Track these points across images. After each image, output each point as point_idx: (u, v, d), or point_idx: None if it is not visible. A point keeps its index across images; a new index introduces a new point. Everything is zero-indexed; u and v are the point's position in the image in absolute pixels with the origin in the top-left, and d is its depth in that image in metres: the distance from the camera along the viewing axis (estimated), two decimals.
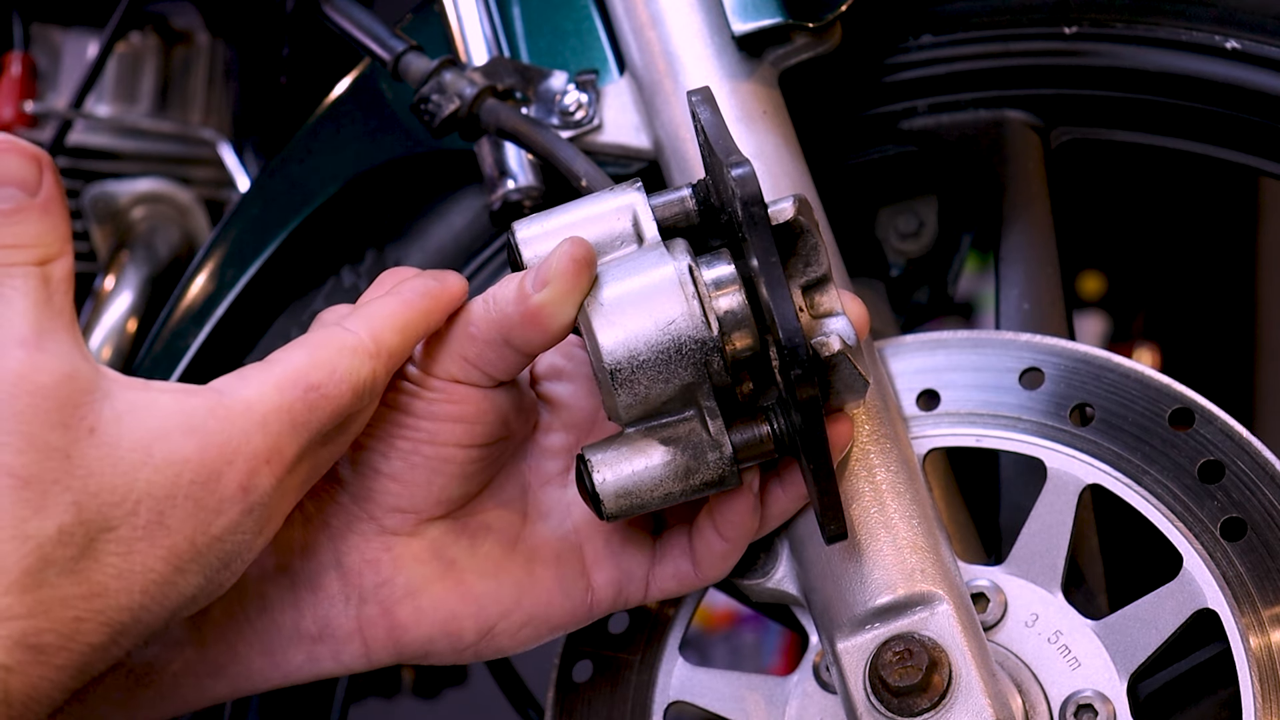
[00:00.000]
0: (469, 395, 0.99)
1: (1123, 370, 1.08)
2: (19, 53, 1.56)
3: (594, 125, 1.17)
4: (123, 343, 1.46)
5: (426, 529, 1.02)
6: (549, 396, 1.06)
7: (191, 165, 1.56)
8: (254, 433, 0.90)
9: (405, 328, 0.98)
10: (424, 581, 1.02)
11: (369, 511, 1.01)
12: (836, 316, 0.98)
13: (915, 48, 1.21)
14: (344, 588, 1.01)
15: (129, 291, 1.48)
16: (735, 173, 0.93)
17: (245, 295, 1.28)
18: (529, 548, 1.04)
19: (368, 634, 1.02)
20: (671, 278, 0.96)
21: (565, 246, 0.96)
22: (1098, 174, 2.73)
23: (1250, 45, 1.12)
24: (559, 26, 1.20)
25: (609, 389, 0.96)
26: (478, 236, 1.27)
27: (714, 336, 0.95)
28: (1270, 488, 1.03)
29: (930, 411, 1.11)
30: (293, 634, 1.02)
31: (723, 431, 0.98)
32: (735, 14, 1.14)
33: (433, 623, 1.02)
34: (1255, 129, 1.14)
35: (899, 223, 1.33)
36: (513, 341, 0.97)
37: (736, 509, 1.02)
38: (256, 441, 0.90)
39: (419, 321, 0.98)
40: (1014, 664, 1.05)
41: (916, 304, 1.36)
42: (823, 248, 0.98)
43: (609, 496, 0.98)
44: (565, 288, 0.95)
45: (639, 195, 0.99)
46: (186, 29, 1.56)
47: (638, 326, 0.95)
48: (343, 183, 1.27)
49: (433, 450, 0.99)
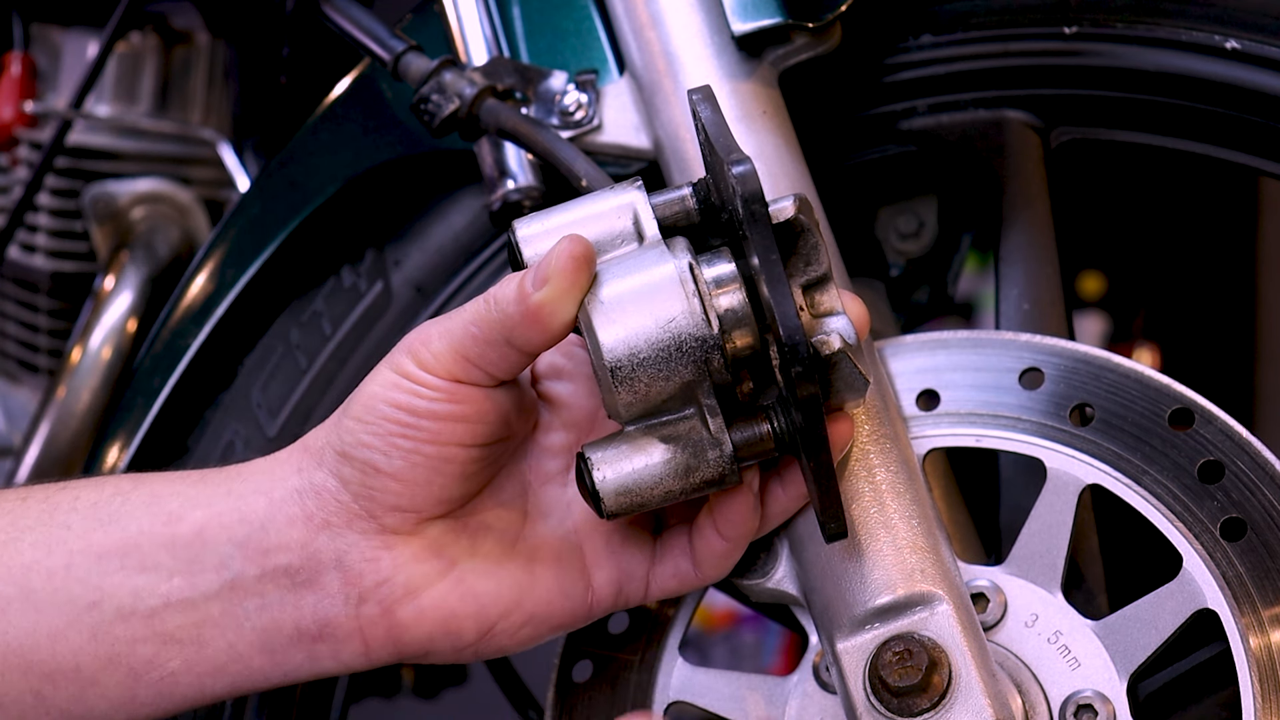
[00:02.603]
0: (471, 395, 0.99)
1: (1123, 370, 1.08)
2: (19, 53, 1.56)
3: (594, 125, 1.17)
4: (123, 343, 1.46)
5: (426, 528, 1.02)
6: (549, 395, 1.06)
7: (191, 165, 1.56)
8: None
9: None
10: (424, 580, 1.02)
11: (369, 510, 1.01)
12: (837, 315, 0.98)
13: (915, 48, 1.21)
14: (344, 587, 1.01)
15: (129, 291, 1.49)
16: (736, 170, 0.93)
17: (245, 295, 1.28)
18: (529, 547, 1.04)
19: (368, 633, 1.02)
20: (672, 275, 0.96)
21: (564, 244, 0.96)
22: (1098, 174, 2.73)
23: (1250, 45, 1.12)
24: (559, 26, 1.20)
25: (609, 387, 0.96)
26: (478, 236, 1.27)
27: (714, 334, 0.95)
28: (1270, 488, 1.03)
29: (930, 411, 1.11)
30: (293, 633, 1.02)
31: (723, 430, 0.98)
32: (735, 14, 1.14)
33: (433, 622, 1.02)
34: (1255, 129, 1.14)
35: (899, 223, 1.33)
36: (514, 341, 0.97)
37: (736, 508, 1.02)
38: None
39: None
40: (1014, 664, 1.05)
41: (916, 304, 1.36)
42: (823, 247, 0.98)
43: (609, 495, 0.98)
44: (565, 285, 0.96)
45: (639, 194, 0.99)
46: (186, 29, 1.56)
47: (638, 324, 0.95)
48: (343, 183, 1.27)
49: (434, 450, 0.99)
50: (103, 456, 1.31)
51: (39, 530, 1.03)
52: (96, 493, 1.04)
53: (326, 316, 1.29)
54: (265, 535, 1.01)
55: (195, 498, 1.02)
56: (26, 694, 1.02)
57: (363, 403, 1.00)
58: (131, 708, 1.02)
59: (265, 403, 1.29)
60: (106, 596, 1.01)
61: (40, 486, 1.06)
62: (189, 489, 1.03)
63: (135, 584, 1.01)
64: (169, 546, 1.02)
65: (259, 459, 1.05)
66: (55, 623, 1.01)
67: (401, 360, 0.99)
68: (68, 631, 1.01)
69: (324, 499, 1.01)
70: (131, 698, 1.02)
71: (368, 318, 1.28)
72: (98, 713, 1.02)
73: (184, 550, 1.01)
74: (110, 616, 1.01)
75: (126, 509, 1.03)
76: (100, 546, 1.02)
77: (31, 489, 1.06)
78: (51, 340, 1.58)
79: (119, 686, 1.01)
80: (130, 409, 1.31)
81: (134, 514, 1.02)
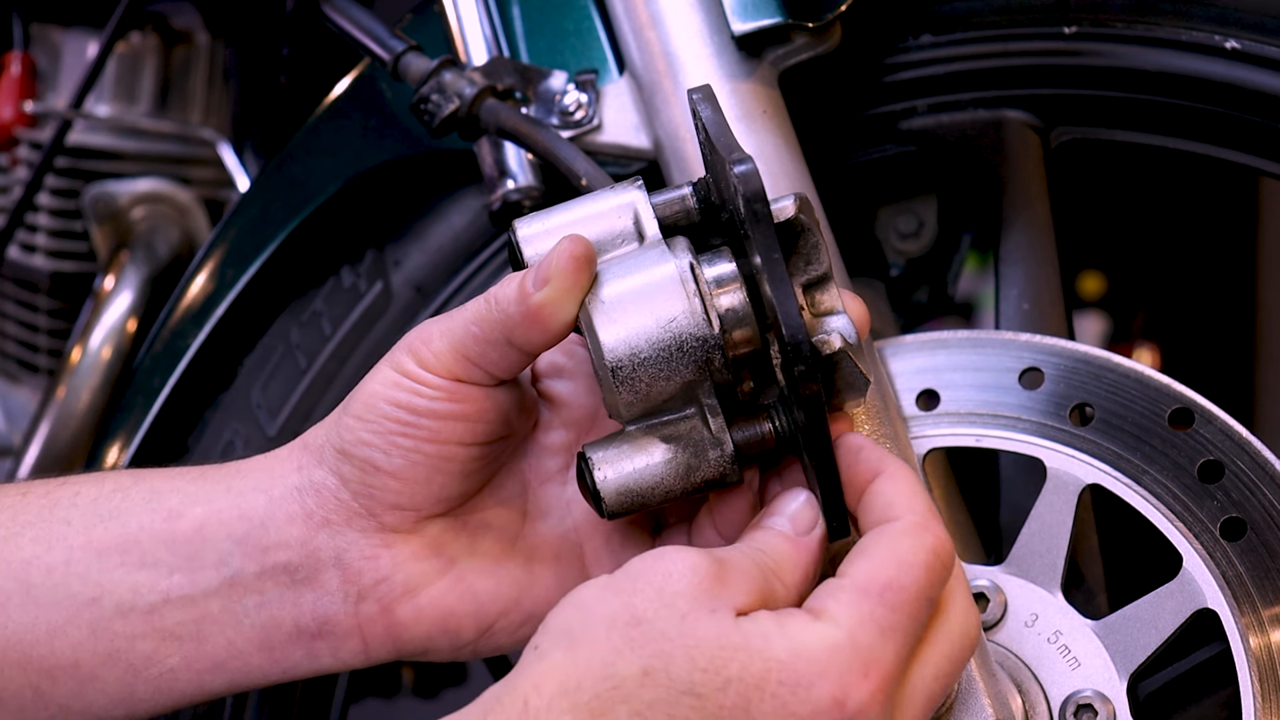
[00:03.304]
0: (471, 394, 0.99)
1: (1123, 370, 1.08)
2: (19, 53, 1.56)
3: (594, 125, 1.17)
4: (123, 343, 1.46)
5: (426, 526, 1.02)
6: (550, 394, 1.06)
7: (191, 165, 1.56)
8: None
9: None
10: (423, 579, 1.02)
11: (368, 508, 1.01)
12: (837, 315, 0.98)
13: (915, 48, 1.21)
14: (343, 584, 1.01)
15: (129, 291, 1.49)
16: (738, 170, 0.93)
17: (245, 295, 1.28)
18: (529, 546, 1.04)
19: (367, 631, 1.02)
20: (673, 275, 0.96)
21: (564, 244, 0.96)
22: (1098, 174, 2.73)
23: (1250, 45, 1.12)
24: (559, 26, 1.20)
25: (610, 386, 0.96)
26: (478, 236, 1.27)
27: (715, 334, 0.95)
28: (1270, 488, 1.03)
29: (930, 411, 1.11)
30: (292, 630, 1.02)
31: (724, 429, 0.98)
32: (735, 14, 1.14)
33: (431, 620, 1.02)
34: (1255, 129, 1.14)
35: (899, 223, 1.33)
36: (514, 340, 0.97)
37: (736, 507, 1.02)
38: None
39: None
40: (1014, 664, 1.05)
41: (916, 304, 1.36)
42: (823, 246, 0.98)
43: (610, 494, 0.98)
44: (565, 285, 0.96)
45: (640, 193, 0.99)
46: (186, 29, 1.56)
47: (639, 324, 0.95)
48: (343, 183, 1.27)
49: (434, 448, 0.99)
50: (103, 456, 1.31)
51: (39, 526, 1.03)
52: (96, 489, 1.04)
53: (326, 316, 1.29)
54: (265, 532, 1.01)
55: (195, 494, 1.02)
56: (26, 689, 1.02)
57: (363, 401, 1.00)
58: (130, 703, 1.02)
59: (265, 403, 1.29)
60: (106, 592, 1.01)
61: (40, 482, 1.06)
62: (189, 485, 1.03)
63: (135, 580, 1.01)
64: (169, 543, 1.02)
65: (259, 456, 1.04)
66: (55, 618, 1.01)
67: (402, 359, 0.99)
68: (67, 627, 1.01)
69: (323, 497, 1.01)
70: (130, 694, 1.02)
71: (368, 318, 1.28)
72: (96, 708, 1.02)
73: (184, 547, 1.01)
74: (110, 612, 1.01)
75: (126, 505, 1.03)
76: (100, 542, 1.02)
77: (31, 484, 1.06)
78: (51, 340, 1.58)
79: (118, 682, 1.01)
80: (130, 409, 1.31)
81: (134, 510, 1.03)
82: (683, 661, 0.88)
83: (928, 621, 0.92)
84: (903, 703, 0.91)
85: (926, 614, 0.92)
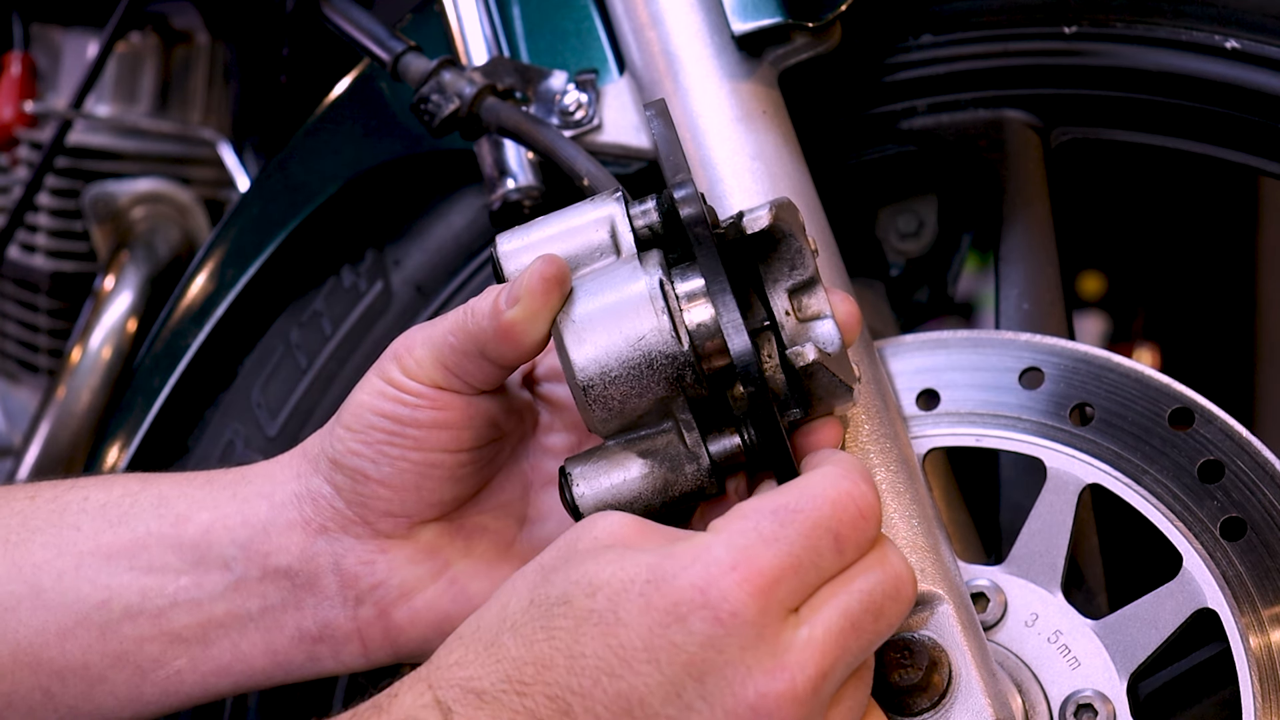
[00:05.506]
0: (453, 401, 1.00)
1: (1123, 370, 1.08)
2: (19, 53, 1.56)
3: (594, 125, 1.17)
4: (123, 343, 1.46)
5: (420, 531, 1.03)
6: (550, 397, 1.06)
7: (191, 165, 1.56)
8: None
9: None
10: (418, 583, 1.02)
11: (362, 516, 1.02)
12: (823, 319, 0.98)
13: (915, 47, 1.21)
14: (342, 589, 1.02)
15: (129, 291, 1.49)
16: (678, 194, 0.93)
17: (245, 295, 1.29)
18: (526, 548, 1.05)
19: (365, 634, 1.03)
20: (642, 293, 0.96)
21: (537, 265, 0.96)
22: (1098, 174, 2.73)
23: (1250, 45, 1.12)
24: (559, 26, 1.20)
25: (583, 404, 0.96)
26: (478, 236, 1.27)
27: (685, 351, 0.95)
28: (1270, 488, 1.03)
29: (930, 411, 1.11)
30: (294, 633, 1.02)
31: (699, 443, 0.97)
32: (735, 14, 1.14)
33: (427, 623, 1.02)
34: (1255, 129, 1.14)
35: (899, 223, 1.33)
36: (488, 354, 0.98)
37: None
38: None
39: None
40: (1014, 664, 1.05)
41: (916, 304, 1.36)
42: (807, 250, 0.97)
43: (588, 509, 0.97)
44: (535, 306, 0.96)
45: (618, 206, 0.99)
46: (186, 29, 1.56)
47: (608, 342, 0.95)
48: (342, 183, 1.27)
49: (420, 456, 1.00)
50: (103, 456, 1.32)
51: (49, 531, 1.03)
52: (105, 493, 1.05)
53: (326, 316, 1.29)
54: (267, 538, 1.02)
55: (202, 500, 1.03)
56: (36, 691, 1.03)
57: (352, 411, 1.01)
58: (138, 705, 1.03)
59: (265, 402, 1.29)
60: (115, 596, 1.02)
61: (48, 485, 1.07)
62: (196, 491, 1.04)
63: (143, 584, 1.02)
64: (176, 548, 1.02)
65: (263, 462, 1.05)
66: (65, 621, 1.02)
67: (388, 367, 1.00)
68: (77, 630, 1.02)
69: (320, 505, 1.02)
70: (138, 695, 1.02)
71: (368, 318, 1.28)
72: (105, 710, 1.03)
73: (190, 551, 1.02)
74: (119, 616, 1.02)
75: (135, 510, 1.04)
76: (109, 547, 1.03)
77: (39, 487, 1.06)
78: (51, 340, 1.58)
79: (126, 684, 1.01)
80: (130, 409, 1.31)
81: (142, 515, 1.03)
82: (561, 582, 0.89)
83: (838, 563, 0.90)
84: (807, 638, 0.88)
85: (828, 547, 0.89)
